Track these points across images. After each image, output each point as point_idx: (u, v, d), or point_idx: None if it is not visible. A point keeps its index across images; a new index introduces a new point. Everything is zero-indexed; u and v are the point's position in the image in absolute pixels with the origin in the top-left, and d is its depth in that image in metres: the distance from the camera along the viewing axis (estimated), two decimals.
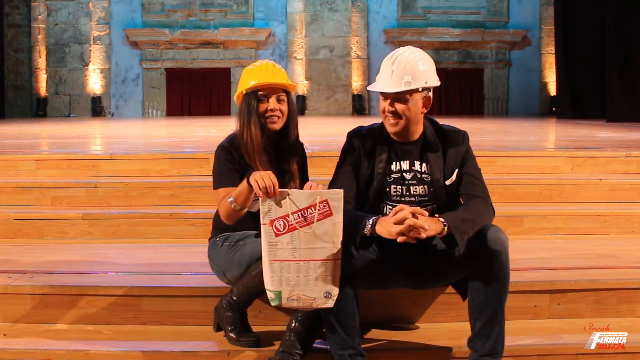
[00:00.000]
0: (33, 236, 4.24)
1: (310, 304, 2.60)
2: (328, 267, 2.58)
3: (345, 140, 2.94)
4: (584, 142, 6.70)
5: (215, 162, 3.03)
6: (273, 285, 2.60)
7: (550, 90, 15.61)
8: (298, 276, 2.58)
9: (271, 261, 2.59)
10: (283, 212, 2.59)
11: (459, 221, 2.66)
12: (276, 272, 2.59)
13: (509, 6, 15.91)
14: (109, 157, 5.13)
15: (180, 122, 12.75)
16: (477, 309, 2.72)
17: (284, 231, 2.58)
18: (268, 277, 2.60)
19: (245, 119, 3.01)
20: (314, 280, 2.58)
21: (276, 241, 2.58)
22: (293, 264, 2.58)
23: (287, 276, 2.58)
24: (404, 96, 2.77)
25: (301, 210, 2.58)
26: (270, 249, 2.59)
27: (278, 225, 2.59)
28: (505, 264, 2.68)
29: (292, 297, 2.59)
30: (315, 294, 2.58)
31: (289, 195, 2.60)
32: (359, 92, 15.62)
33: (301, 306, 2.63)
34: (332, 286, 2.59)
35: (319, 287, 2.58)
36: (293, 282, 2.58)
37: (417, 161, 2.86)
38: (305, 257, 2.58)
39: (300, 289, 2.58)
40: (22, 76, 15.56)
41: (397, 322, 3.18)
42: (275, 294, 2.60)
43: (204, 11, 15.75)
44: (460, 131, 2.91)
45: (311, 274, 2.58)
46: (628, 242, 4.14)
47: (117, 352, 2.90)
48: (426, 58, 2.83)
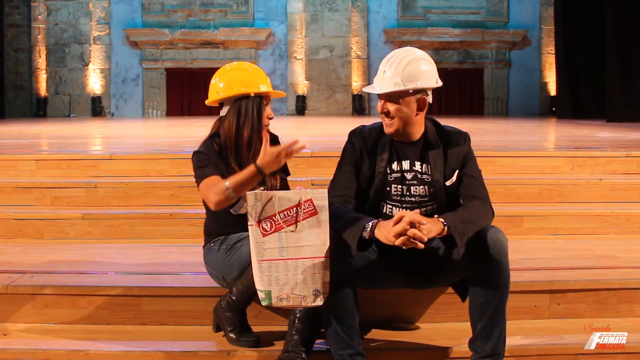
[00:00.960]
0: (33, 236, 4.24)
1: (299, 303, 2.64)
2: (316, 265, 2.62)
3: (346, 139, 2.94)
4: (584, 142, 6.70)
5: (195, 164, 3.00)
6: (262, 285, 2.65)
7: (550, 90, 15.60)
8: (287, 275, 2.62)
9: (260, 261, 2.64)
10: (269, 212, 2.63)
11: (458, 222, 2.66)
12: (265, 271, 2.63)
13: (509, 6, 15.90)
14: (109, 157, 5.13)
15: (180, 122, 12.74)
16: (478, 310, 2.72)
17: (271, 231, 2.63)
18: (257, 277, 2.65)
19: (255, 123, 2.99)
20: (303, 279, 2.62)
21: (264, 241, 2.63)
22: (281, 263, 2.63)
23: (275, 275, 2.63)
24: (394, 97, 2.78)
25: (286, 210, 2.63)
26: (258, 249, 2.64)
27: (265, 225, 2.63)
28: (505, 265, 2.68)
29: (282, 296, 2.64)
30: (304, 292, 2.62)
31: (274, 196, 2.64)
32: (359, 92, 15.61)
33: (291, 305, 2.67)
34: (321, 284, 2.62)
35: (308, 286, 2.62)
36: (282, 281, 2.63)
37: (417, 161, 2.86)
38: (293, 256, 2.63)
39: (290, 288, 2.63)
40: (22, 76, 15.56)
41: (397, 322, 3.18)
42: (265, 294, 2.65)
43: (204, 11, 15.75)
44: (461, 132, 2.91)
45: (299, 273, 2.62)
46: (628, 242, 4.15)
47: (117, 352, 2.90)
48: (424, 60, 2.82)
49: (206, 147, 3.03)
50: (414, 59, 2.80)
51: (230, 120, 3.04)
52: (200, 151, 3.02)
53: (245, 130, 3.00)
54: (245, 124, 3.01)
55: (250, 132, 3.00)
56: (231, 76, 3.07)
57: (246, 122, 3.01)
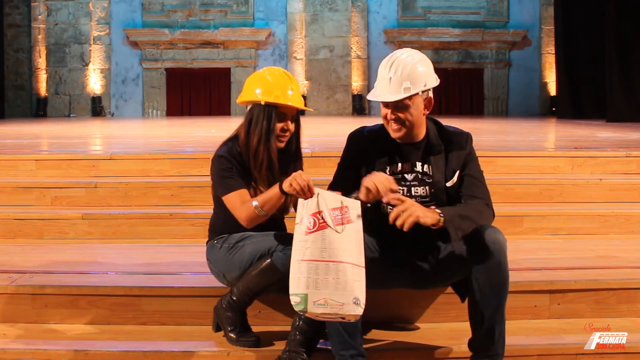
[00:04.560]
0: (33, 236, 4.24)
1: (337, 310, 2.48)
2: (356, 273, 2.51)
3: (346, 141, 2.94)
4: (584, 142, 6.69)
5: (216, 170, 2.97)
6: (299, 288, 2.49)
7: (550, 90, 15.60)
8: (327, 278, 2.49)
9: (300, 261, 2.52)
10: (313, 209, 2.57)
11: (455, 216, 2.66)
12: (304, 272, 2.50)
13: (509, 6, 15.90)
14: (109, 157, 5.13)
15: (180, 122, 12.74)
16: (477, 310, 2.72)
17: (314, 229, 2.54)
18: (295, 279, 2.50)
19: (263, 132, 2.94)
20: (344, 284, 2.48)
21: (306, 239, 2.53)
22: (322, 265, 2.50)
23: (315, 277, 2.49)
24: (404, 103, 2.74)
25: (330, 210, 2.57)
26: (299, 248, 2.53)
27: (308, 223, 2.55)
28: (504, 265, 2.68)
29: (319, 301, 2.47)
30: (344, 299, 2.48)
31: (319, 195, 2.60)
32: (359, 92, 15.61)
33: (327, 312, 2.49)
34: (360, 292, 2.50)
35: (348, 292, 2.48)
36: (322, 284, 2.49)
37: (418, 162, 2.85)
38: (334, 258, 2.51)
39: (329, 293, 2.48)
40: (22, 76, 15.56)
41: (397, 322, 3.18)
42: (301, 298, 2.49)
43: (204, 11, 15.75)
44: (463, 133, 2.90)
45: (341, 277, 2.49)
46: (628, 242, 4.14)
47: (117, 352, 2.90)
48: (423, 59, 2.80)
49: (228, 151, 2.98)
50: (417, 60, 2.77)
51: (243, 126, 3.01)
52: (222, 155, 2.97)
53: (254, 139, 2.96)
54: (255, 132, 2.96)
55: (257, 142, 2.95)
56: (256, 80, 3.03)
57: (255, 130, 2.96)
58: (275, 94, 2.95)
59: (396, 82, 2.73)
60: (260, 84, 2.99)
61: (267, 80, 2.99)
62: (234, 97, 15.46)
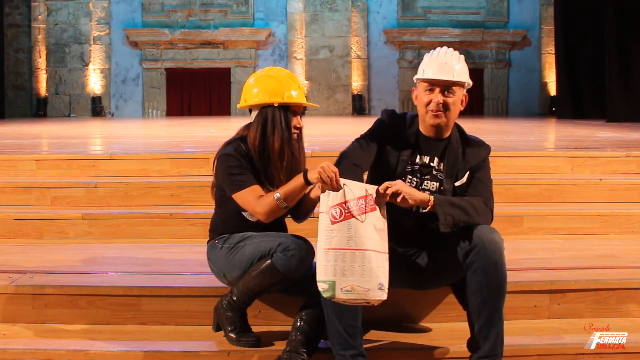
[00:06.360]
0: (33, 236, 4.24)
1: (364, 296, 2.58)
2: (380, 259, 2.60)
3: (380, 115, 2.95)
4: (584, 142, 6.70)
5: (224, 168, 2.94)
6: (327, 275, 2.56)
7: (550, 90, 15.61)
8: (353, 265, 2.57)
9: (327, 249, 2.58)
10: (340, 199, 2.62)
11: (446, 202, 2.71)
12: (331, 260, 2.57)
13: (509, 6, 15.92)
14: (109, 157, 5.13)
15: (180, 122, 12.75)
16: (475, 311, 2.72)
17: (340, 219, 2.60)
18: (322, 267, 2.58)
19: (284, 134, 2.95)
20: (369, 271, 2.57)
21: (332, 229, 2.59)
22: (348, 253, 2.57)
23: (342, 265, 2.56)
24: (452, 88, 2.84)
25: (356, 199, 2.62)
26: (326, 237, 2.58)
27: (334, 212, 2.60)
28: (501, 265, 2.69)
29: (347, 287, 2.56)
30: (369, 285, 2.57)
31: (345, 184, 2.63)
32: (359, 92, 15.62)
33: (354, 298, 2.58)
34: (384, 278, 2.59)
35: (373, 279, 2.57)
36: (348, 271, 2.56)
37: (436, 158, 2.89)
38: (360, 247, 2.58)
39: (356, 279, 2.56)
40: (22, 76, 15.57)
41: (397, 322, 3.18)
42: (329, 284, 2.56)
43: (204, 11, 15.76)
44: (484, 144, 2.96)
45: (366, 264, 2.57)
46: (628, 242, 4.14)
47: (117, 352, 2.90)
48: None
49: (235, 150, 2.96)
50: (461, 57, 2.97)
51: (256, 129, 2.99)
52: (230, 154, 2.95)
53: (276, 141, 2.95)
54: (275, 134, 2.96)
55: (280, 143, 2.96)
56: (260, 83, 3.02)
57: (275, 132, 2.96)
58: (286, 95, 2.97)
59: (449, 67, 2.88)
60: (267, 86, 2.99)
61: (272, 82, 3.00)
62: (234, 97, 15.47)
